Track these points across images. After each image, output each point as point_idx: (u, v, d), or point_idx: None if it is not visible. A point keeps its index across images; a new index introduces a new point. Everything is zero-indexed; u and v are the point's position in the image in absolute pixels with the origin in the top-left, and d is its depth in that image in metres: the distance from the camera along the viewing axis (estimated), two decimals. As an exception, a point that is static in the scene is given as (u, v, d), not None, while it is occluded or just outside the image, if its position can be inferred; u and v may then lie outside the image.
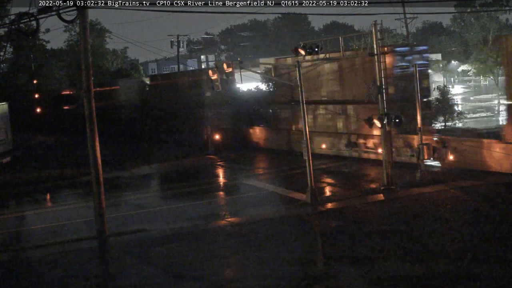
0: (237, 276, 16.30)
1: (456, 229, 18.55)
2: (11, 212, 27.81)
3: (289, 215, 22.14)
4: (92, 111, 20.54)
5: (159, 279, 16.24)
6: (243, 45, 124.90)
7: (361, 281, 14.83)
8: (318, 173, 27.71)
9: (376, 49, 24.88)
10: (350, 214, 21.45)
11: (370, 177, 27.85)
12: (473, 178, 24.98)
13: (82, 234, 21.40)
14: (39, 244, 20.70)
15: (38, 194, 30.76)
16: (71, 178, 33.68)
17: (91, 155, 20.68)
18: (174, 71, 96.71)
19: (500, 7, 56.58)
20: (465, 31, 72.55)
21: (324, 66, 33.52)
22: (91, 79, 20.62)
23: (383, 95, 24.79)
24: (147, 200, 27.14)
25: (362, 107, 29.91)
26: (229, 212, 23.80)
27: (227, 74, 23.28)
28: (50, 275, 17.46)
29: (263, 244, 18.62)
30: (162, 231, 21.15)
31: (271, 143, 38.97)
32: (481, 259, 15.62)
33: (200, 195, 27.39)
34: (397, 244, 17.44)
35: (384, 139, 25.15)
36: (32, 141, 57.80)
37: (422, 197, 22.93)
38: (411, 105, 27.06)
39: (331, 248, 17.88)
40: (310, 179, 23.29)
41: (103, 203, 20.75)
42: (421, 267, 15.32)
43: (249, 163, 35.75)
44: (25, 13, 20.39)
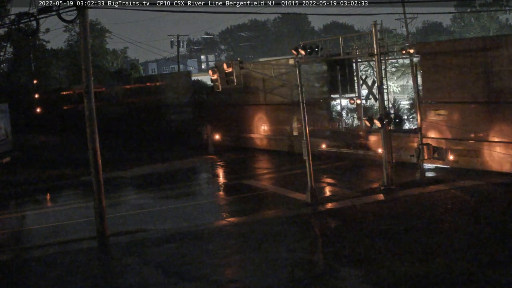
0: (237, 276, 16.31)
1: (456, 229, 18.56)
2: (11, 212, 27.82)
3: (289, 215, 22.14)
4: (92, 111, 20.54)
5: (159, 279, 16.24)
6: (243, 45, 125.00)
7: (361, 281, 14.83)
8: (318, 173, 27.75)
9: (376, 49, 24.90)
10: (350, 214, 21.46)
11: (370, 177, 27.85)
12: (473, 178, 24.98)
13: (82, 234, 21.41)
14: (39, 244, 20.71)
15: (38, 194, 30.77)
16: (71, 178, 33.70)
17: (91, 155, 20.69)
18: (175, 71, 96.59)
19: (500, 7, 56.66)
20: (465, 31, 72.67)
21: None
22: (91, 79, 20.63)
23: (383, 95, 24.80)
24: (147, 200, 27.15)
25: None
26: (229, 212, 23.82)
27: (227, 74, 23.30)
28: (50, 275, 17.46)
29: (263, 244, 18.63)
30: (162, 231, 21.16)
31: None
32: (481, 259, 15.61)
33: (200, 195, 27.40)
34: (397, 244, 17.45)
35: (384, 139, 25.15)
36: (36, 141, 57.85)
37: (422, 197, 22.94)
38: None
39: (331, 248, 17.88)
40: (310, 179, 23.30)
41: (103, 203, 20.75)
42: (421, 267, 15.32)
43: (249, 163, 35.77)
44: (25, 13, 20.42)
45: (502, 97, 25.05)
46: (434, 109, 27.46)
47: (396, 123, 24.76)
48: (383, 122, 24.33)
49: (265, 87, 37.39)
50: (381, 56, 25.03)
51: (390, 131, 25.61)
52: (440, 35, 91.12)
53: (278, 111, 37.08)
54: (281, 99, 36.04)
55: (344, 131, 34.12)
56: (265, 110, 38.48)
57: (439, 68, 27.04)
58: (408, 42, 45.57)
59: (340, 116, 36.40)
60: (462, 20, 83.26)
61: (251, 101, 39.23)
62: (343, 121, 36.03)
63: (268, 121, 38.48)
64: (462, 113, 26.46)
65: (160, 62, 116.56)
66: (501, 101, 25.08)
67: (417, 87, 26.19)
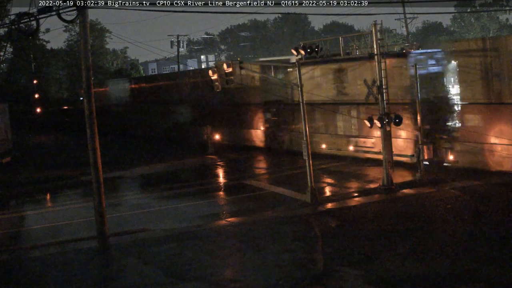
0: (237, 276, 16.30)
1: (456, 229, 18.56)
2: (11, 212, 27.81)
3: (289, 215, 22.13)
4: (92, 111, 20.53)
5: (159, 279, 16.23)
6: (243, 45, 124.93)
7: (361, 281, 14.82)
8: (318, 173, 27.76)
9: (376, 49, 24.89)
10: (350, 214, 21.46)
11: (370, 177, 27.85)
12: (473, 178, 24.98)
13: (82, 234, 21.41)
14: (39, 244, 20.69)
15: (38, 194, 30.77)
16: (71, 178, 33.70)
17: (91, 155, 20.68)
18: (175, 70, 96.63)
19: (500, 7, 56.63)
20: (465, 31, 72.69)
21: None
22: (91, 79, 20.63)
23: (383, 95, 24.80)
24: (147, 200, 27.15)
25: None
26: (229, 212, 23.81)
27: (227, 74, 23.31)
28: (50, 275, 17.44)
29: (263, 244, 18.62)
30: (162, 231, 21.15)
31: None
32: (481, 259, 15.61)
33: (200, 195, 27.39)
34: (397, 244, 17.44)
35: (384, 139, 25.14)
36: (35, 141, 57.87)
37: (422, 197, 22.94)
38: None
39: (331, 248, 17.87)
40: (310, 179, 23.30)
41: (103, 203, 20.74)
42: (421, 267, 15.32)
43: (249, 163, 35.77)
44: (25, 13, 20.40)
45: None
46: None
47: (396, 123, 24.74)
48: (383, 122, 24.33)
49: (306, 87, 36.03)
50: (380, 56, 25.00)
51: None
52: (440, 35, 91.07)
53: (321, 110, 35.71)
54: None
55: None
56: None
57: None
58: (408, 42, 45.59)
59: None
60: (462, 20, 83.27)
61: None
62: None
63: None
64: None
65: (160, 62, 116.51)
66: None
67: (417, 87, 26.16)
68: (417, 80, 26.15)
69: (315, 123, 34.07)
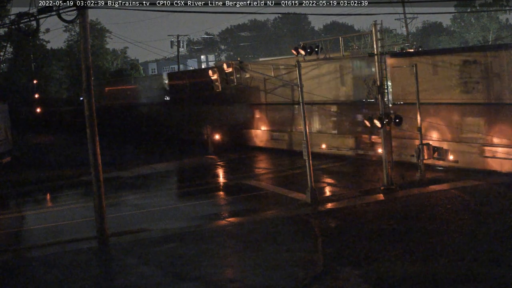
0: (237, 276, 16.31)
1: (456, 229, 18.56)
2: (11, 212, 27.82)
3: (289, 215, 22.14)
4: (92, 111, 20.52)
5: (159, 279, 16.24)
6: (243, 45, 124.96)
7: (361, 281, 14.82)
8: (318, 173, 27.76)
9: (376, 49, 24.88)
10: (350, 214, 21.45)
11: (370, 177, 27.85)
12: (473, 178, 24.98)
13: (82, 234, 21.41)
14: (39, 244, 20.70)
15: (38, 194, 30.77)
16: (71, 178, 33.69)
17: (91, 155, 20.67)
18: (175, 70, 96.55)
19: (500, 7, 56.59)
20: (465, 31, 72.69)
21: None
22: (91, 79, 20.62)
23: (383, 95, 24.79)
24: (147, 200, 27.14)
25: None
26: (229, 212, 23.81)
27: (227, 74, 23.33)
28: (50, 275, 17.44)
29: (263, 244, 18.61)
30: (162, 231, 21.15)
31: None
32: (481, 259, 15.61)
33: (200, 195, 27.39)
34: (397, 244, 17.44)
35: (384, 139, 25.13)
36: (35, 141, 57.86)
37: (422, 197, 22.94)
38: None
39: (331, 248, 17.86)
40: (310, 179, 23.29)
41: (103, 203, 20.73)
42: (421, 267, 15.33)
43: (249, 163, 35.78)
44: (25, 13, 20.41)
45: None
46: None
47: (396, 123, 24.72)
48: (383, 122, 24.31)
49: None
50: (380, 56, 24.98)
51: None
52: (440, 35, 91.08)
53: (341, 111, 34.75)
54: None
55: None
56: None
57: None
58: (408, 42, 45.55)
59: None
60: (462, 20, 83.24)
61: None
62: None
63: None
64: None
65: (160, 62, 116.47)
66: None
67: (417, 87, 26.15)
68: (417, 79, 26.14)
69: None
